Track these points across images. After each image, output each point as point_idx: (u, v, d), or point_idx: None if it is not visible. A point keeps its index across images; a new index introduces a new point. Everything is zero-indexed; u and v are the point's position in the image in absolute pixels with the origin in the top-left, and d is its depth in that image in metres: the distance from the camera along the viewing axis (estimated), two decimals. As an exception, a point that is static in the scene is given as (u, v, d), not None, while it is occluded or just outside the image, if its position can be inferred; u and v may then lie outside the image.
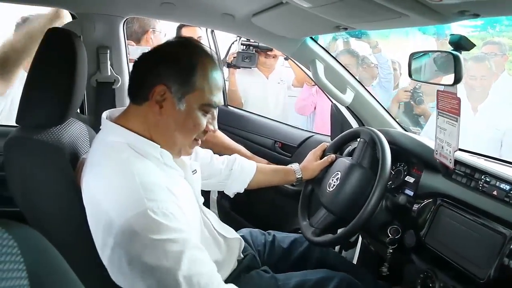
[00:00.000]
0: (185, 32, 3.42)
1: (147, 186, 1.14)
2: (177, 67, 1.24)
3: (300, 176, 1.86)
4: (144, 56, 1.31)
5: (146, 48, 1.37)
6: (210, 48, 1.34)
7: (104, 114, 1.34)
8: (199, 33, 3.38)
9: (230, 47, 3.32)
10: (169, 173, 1.30)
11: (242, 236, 1.69)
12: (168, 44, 1.33)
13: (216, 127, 1.38)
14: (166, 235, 1.10)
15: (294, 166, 1.89)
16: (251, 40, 3.20)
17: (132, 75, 1.32)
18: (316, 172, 1.86)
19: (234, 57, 3.29)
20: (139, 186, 1.13)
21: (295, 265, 1.78)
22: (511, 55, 3.79)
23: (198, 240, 1.27)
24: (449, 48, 1.35)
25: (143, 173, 1.17)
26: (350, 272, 1.68)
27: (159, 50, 1.31)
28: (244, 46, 3.25)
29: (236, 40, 3.30)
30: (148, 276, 1.13)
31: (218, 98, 1.31)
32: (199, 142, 1.37)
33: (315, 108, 3.65)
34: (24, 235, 0.68)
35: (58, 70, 1.37)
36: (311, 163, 1.88)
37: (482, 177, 1.40)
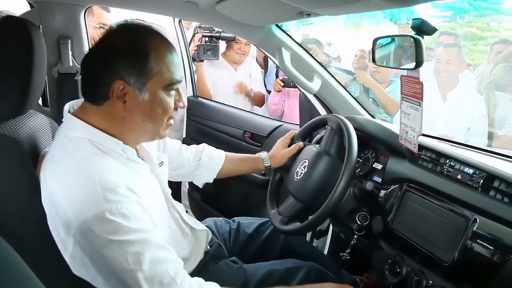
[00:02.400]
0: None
1: (106, 186, 1.11)
2: (129, 58, 1.18)
3: (268, 164, 1.85)
4: (91, 54, 1.24)
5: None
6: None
7: (67, 106, 1.29)
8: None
9: (190, 41, 3.25)
10: (133, 168, 1.27)
11: (207, 226, 1.68)
12: (112, 34, 1.24)
13: (185, 101, 1.34)
14: (125, 236, 1.08)
15: (263, 154, 1.87)
16: (213, 32, 3.15)
17: (84, 76, 1.25)
18: (284, 160, 1.85)
19: (195, 50, 3.22)
20: (97, 186, 1.10)
21: (261, 250, 1.79)
22: (470, 45, 3.86)
23: (163, 237, 1.25)
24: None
25: (103, 172, 1.14)
26: (316, 258, 1.69)
27: (106, 45, 1.23)
28: (207, 38, 3.19)
29: (197, 32, 3.25)
30: (109, 275, 1.12)
31: (179, 74, 1.26)
32: (172, 121, 1.32)
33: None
34: None
35: (14, 60, 1.31)
36: (279, 151, 1.87)
37: (447, 162, 1.41)
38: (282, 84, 3.31)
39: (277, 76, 3.49)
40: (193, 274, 1.42)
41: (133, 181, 1.19)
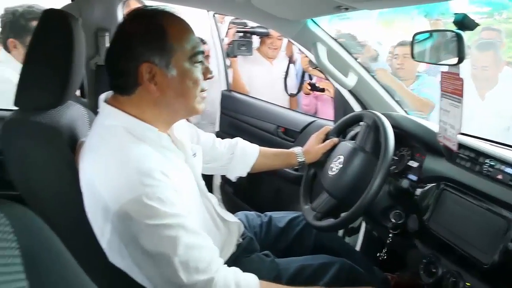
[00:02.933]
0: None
1: (142, 171, 1.13)
2: (148, 39, 1.21)
3: (302, 160, 1.84)
4: (112, 47, 1.27)
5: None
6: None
7: (102, 96, 1.32)
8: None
9: (225, 35, 3.25)
10: (168, 156, 1.29)
11: (239, 220, 1.68)
12: (127, 23, 1.27)
13: (213, 71, 1.36)
14: (161, 221, 1.10)
15: (297, 149, 1.86)
16: (246, 27, 3.14)
17: (110, 70, 1.27)
18: (318, 155, 1.83)
19: (229, 46, 3.21)
20: (134, 171, 1.12)
21: (292, 245, 1.78)
22: (508, 42, 3.75)
23: (196, 224, 1.25)
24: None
25: (139, 158, 1.16)
26: (348, 255, 1.67)
27: (123, 34, 1.26)
28: (241, 33, 3.17)
29: (231, 28, 3.23)
30: (145, 260, 1.13)
31: (198, 42, 1.29)
32: (205, 94, 1.34)
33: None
34: (18, 214, 0.67)
35: (55, 52, 1.35)
36: (314, 146, 1.86)
37: (486, 161, 1.37)
38: (309, 87, 3.29)
39: (302, 78, 3.48)
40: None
41: (167, 167, 1.20)
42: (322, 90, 3.21)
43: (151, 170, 1.14)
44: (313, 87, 3.24)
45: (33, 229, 0.70)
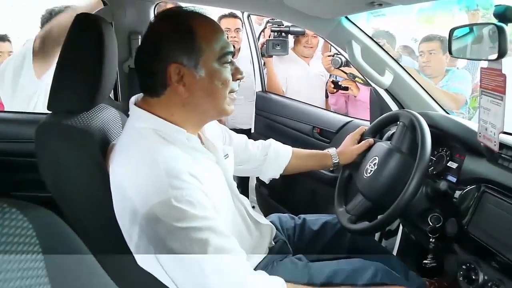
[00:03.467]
0: (224, 23, 3.39)
1: (171, 173, 1.12)
2: (177, 40, 1.20)
3: (337, 161, 1.81)
4: (141, 48, 1.28)
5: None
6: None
7: (133, 99, 1.33)
8: (238, 24, 3.33)
9: (259, 36, 3.21)
10: (198, 157, 1.28)
11: (272, 222, 1.66)
12: (156, 24, 1.28)
13: (243, 72, 1.34)
14: (191, 223, 1.09)
15: (331, 150, 1.84)
16: (281, 26, 3.09)
17: (139, 72, 1.28)
18: (353, 156, 1.80)
19: (263, 45, 3.16)
20: (163, 173, 1.11)
21: (326, 247, 1.75)
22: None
23: (226, 227, 1.24)
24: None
25: (168, 159, 1.15)
26: (384, 259, 1.62)
27: (152, 35, 1.26)
28: (275, 33, 3.11)
29: (266, 27, 3.18)
30: (174, 263, 1.12)
31: (227, 42, 1.28)
32: (235, 95, 1.33)
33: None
34: (40, 217, 0.67)
35: (87, 55, 1.37)
36: (348, 147, 1.82)
37: (531, 162, 1.30)
38: (333, 86, 3.20)
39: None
40: (256, 269, 1.43)
41: (197, 168, 1.20)
42: (346, 88, 3.13)
43: (180, 172, 1.13)
44: (336, 85, 3.17)
45: (56, 232, 0.70)
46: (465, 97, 3.23)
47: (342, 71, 3.06)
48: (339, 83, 3.14)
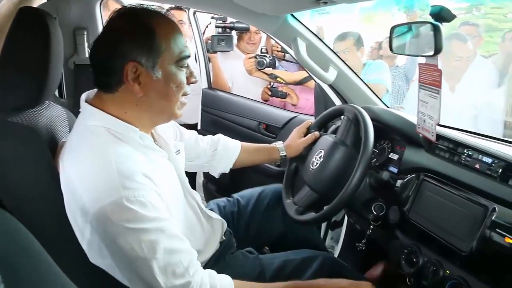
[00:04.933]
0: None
1: (124, 173, 1.11)
2: (136, 38, 1.19)
3: (284, 154, 1.85)
4: (97, 43, 1.24)
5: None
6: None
7: (84, 96, 1.30)
8: (182, 17, 3.30)
9: (204, 31, 3.18)
10: (151, 155, 1.27)
11: (211, 209, 1.71)
12: (115, 20, 1.24)
13: (197, 77, 1.35)
14: (141, 225, 1.09)
15: (278, 144, 1.87)
16: (226, 22, 3.09)
17: (94, 67, 1.25)
18: (300, 149, 1.84)
19: (209, 41, 3.14)
20: (115, 172, 1.11)
21: (265, 229, 1.83)
22: (486, 37, 3.80)
23: (179, 225, 1.25)
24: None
25: (120, 159, 1.14)
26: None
27: (111, 31, 1.23)
28: (220, 29, 3.11)
29: (210, 23, 3.18)
30: (124, 263, 1.13)
31: (186, 45, 1.27)
32: (185, 100, 1.33)
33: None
34: None
35: (32, 51, 1.32)
36: (295, 140, 1.87)
37: (465, 151, 1.39)
38: (269, 93, 3.14)
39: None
40: (209, 263, 1.45)
41: (150, 168, 1.19)
42: (284, 96, 3.07)
43: (133, 172, 1.13)
44: (274, 93, 3.11)
45: (9, 231, 0.69)
46: (385, 86, 3.35)
47: (264, 72, 3.05)
48: (279, 89, 3.10)
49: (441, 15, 1.29)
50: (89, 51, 2.02)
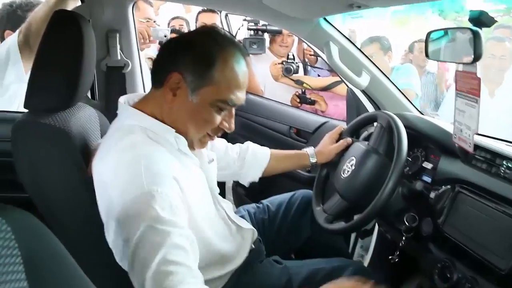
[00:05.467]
0: (202, 18, 3.36)
1: (151, 170, 1.12)
2: (195, 56, 1.21)
3: (314, 161, 1.82)
4: (169, 41, 1.31)
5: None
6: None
7: (122, 99, 1.33)
8: (215, 20, 3.30)
9: (236, 33, 3.16)
10: (183, 160, 1.28)
11: (242, 217, 1.69)
12: (192, 31, 1.33)
13: (233, 126, 1.33)
14: (153, 223, 1.05)
15: (309, 150, 1.84)
16: (258, 25, 3.05)
17: (155, 59, 1.31)
18: (331, 156, 1.81)
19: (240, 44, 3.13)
20: (142, 169, 1.11)
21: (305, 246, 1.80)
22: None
23: (209, 234, 1.23)
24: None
25: (150, 157, 1.15)
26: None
27: (182, 37, 1.29)
28: (252, 31, 3.07)
29: (242, 25, 3.15)
30: (133, 264, 1.07)
31: (237, 96, 1.26)
32: (213, 138, 1.33)
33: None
34: (19, 219, 0.67)
35: (65, 53, 1.35)
36: (327, 147, 1.83)
37: (504, 163, 1.33)
38: (298, 100, 3.10)
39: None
40: (237, 271, 1.44)
41: (180, 173, 1.19)
42: (313, 103, 3.03)
43: (161, 172, 1.13)
44: (303, 100, 3.06)
45: (35, 235, 0.69)
46: (414, 91, 3.27)
47: (290, 78, 3.02)
48: (307, 96, 3.07)
49: (481, 20, 1.24)
50: (122, 52, 2.08)
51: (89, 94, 2.20)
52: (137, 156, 1.14)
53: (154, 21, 2.59)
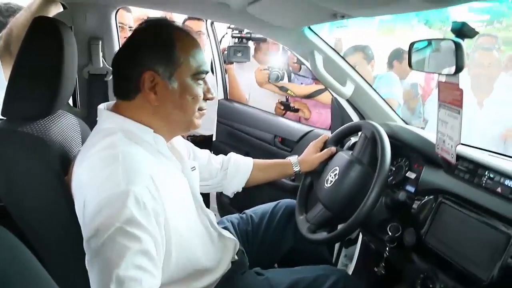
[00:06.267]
0: (189, 25, 3.35)
1: (128, 168, 1.10)
2: (156, 49, 1.22)
3: (298, 169, 1.81)
4: (120, 52, 1.30)
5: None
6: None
7: (101, 106, 1.32)
8: (201, 27, 3.29)
9: (220, 41, 3.14)
10: (164, 162, 1.27)
11: (225, 228, 1.69)
12: (138, 32, 1.30)
13: (214, 93, 1.37)
14: (124, 225, 1.02)
15: (293, 158, 1.83)
16: (243, 33, 3.06)
17: (115, 75, 1.30)
18: (315, 165, 1.80)
19: (225, 51, 3.11)
20: (120, 167, 1.10)
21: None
22: (507, 50, 3.72)
23: (193, 241, 1.20)
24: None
25: (128, 154, 1.14)
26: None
27: (133, 41, 1.28)
28: (236, 39, 3.08)
29: (226, 33, 3.14)
30: (94, 262, 1.04)
31: (203, 61, 1.30)
32: (204, 111, 1.35)
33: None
34: None
35: (45, 60, 1.32)
36: (310, 155, 1.83)
37: (486, 173, 1.34)
38: (282, 107, 3.10)
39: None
40: (219, 283, 1.42)
41: (158, 172, 1.18)
42: (296, 110, 3.04)
43: (138, 171, 1.12)
44: (286, 107, 3.08)
45: (7, 248, 0.66)
46: (397, 101, 3.28)
47: (275, 85, 3.03)
48: (291, 104, 3.07)
49: (463, 31, 1.24)
50: (104, 60, 2.06)
51: (70, 102, 2.18)
52: (115, 154, 1.13)
53: (130, 28, 2.57)
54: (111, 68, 2.06)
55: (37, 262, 0.70)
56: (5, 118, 1.34)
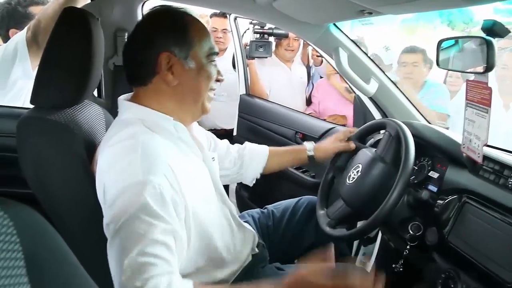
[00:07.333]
0: (213, 22, 3.37)
1: (147, 159, 1.12)
2: (171, 31, 1.26)
3: (311, 154, 1.82)
4: (131, 38, 1.32)
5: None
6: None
7: (121, 97, 1.34)
8: (226, 25, 3.30)
9: (242, 36, 3.12)
10: (184, 149, 1.29)
11: (247, 222, 1.70)
12: (150, 17, 1.33)
13: (223, 75, 1.41)
14: (141, 213, 1.05)
15: (308, 144, 1.85)
16: (264, 28, 3.05)
17: (126, 62, 1.32)
18: (329, 154, 1.81)
19: (247, 47, 3.11)
20: (139, 157, 1.12)
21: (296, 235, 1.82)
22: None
23: (180, 237, 1.14)
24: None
25: (148, 144, 1.16)
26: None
27: (145, 26, 1.31)
28: (258, 35, 3.08)
29: (248, 29, 3.13)
30: (111, 247, 1.08)
31: (213, 41, 1.35)
32: (213, 94, 1.38)
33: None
34: (21, 215, 0.66)
35: (74, 50, 1.35)
36: (328, 145, 1.84)
37: (512, 174, 1.32)
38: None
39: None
40: (238, 276, 1.43)
41: (178, 160, 1.20)
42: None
43: (157, 160, 1.13)
44: None
45: (37, 231, 0.68)
46: (446, 115, 3.25)
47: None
48: None
49: (494, 30, 1.23)
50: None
51: (95, 93, 2.21)
52: (135, 144, 1.15)
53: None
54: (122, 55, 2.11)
55: (66, 247, 0.72)
56: (33, 106, 1.37)
